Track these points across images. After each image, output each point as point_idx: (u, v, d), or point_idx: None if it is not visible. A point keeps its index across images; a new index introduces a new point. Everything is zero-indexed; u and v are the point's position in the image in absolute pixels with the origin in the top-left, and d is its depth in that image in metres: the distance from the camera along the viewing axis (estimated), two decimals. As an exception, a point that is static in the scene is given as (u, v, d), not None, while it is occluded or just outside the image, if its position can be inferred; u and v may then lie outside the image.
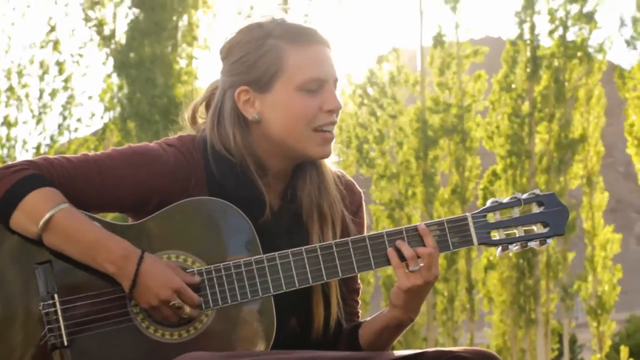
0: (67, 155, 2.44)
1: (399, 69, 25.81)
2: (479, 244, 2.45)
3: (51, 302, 2.34)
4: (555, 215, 2.47)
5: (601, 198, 25.36)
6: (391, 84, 25.60)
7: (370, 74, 26.08)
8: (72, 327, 2.35)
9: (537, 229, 2.47)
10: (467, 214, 2.46)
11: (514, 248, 2.47)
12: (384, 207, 24.90)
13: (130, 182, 2.41)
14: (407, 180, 24.95)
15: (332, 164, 2.60)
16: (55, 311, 2.34)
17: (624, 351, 26.15)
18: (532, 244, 2.47)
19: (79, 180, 2.39)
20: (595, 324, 25.39)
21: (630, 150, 23.88)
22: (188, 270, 2.39)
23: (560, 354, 28.43)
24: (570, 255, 25.00)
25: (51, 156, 2.42)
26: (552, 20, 24.93)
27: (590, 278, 25.15)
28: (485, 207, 2.48)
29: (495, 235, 2.46)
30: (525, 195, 2.48)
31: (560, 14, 24.90)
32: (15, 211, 2.34)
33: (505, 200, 2.48)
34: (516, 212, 2.47)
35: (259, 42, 2.47)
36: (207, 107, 2.57)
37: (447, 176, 25.24)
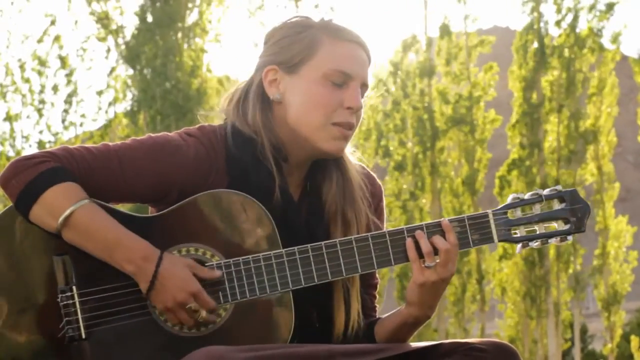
0: (87, 145, 2.42)
1: (426, 59, 25.54)
2: (500, 241, 2.44)
3: (70, 294, 2.34)
4: (577, 212, 2.46)
5: (612, 188, 25.30)
6: (416, 73, 25.35)
7: (395, 63, 25.76)
8: (90, 319, 2.34)
9: (557, 225, 2.47)
10: (488, 210, 2.45)
11: (534, 245, 2.46)
12: (395, 198, 24.85)
13: (151, 173, 2.39)
14: (417, 172, 24.89)
15: (350, 154, 2.58)
16: (74, 303, 2.33)
17: (635, 341, 26.07)
18: (553, 241, 2.46)
19: (99, 171, 2.38)
20: (606, 314, 25.36)
21: (642, 139, 23.81)
22: (207, 264, 2.37)
23: (571, 344, 28.39)
24: (582, 250, 24.96)
25: (71, 146, 2.40)
26: (558, 11, 24.84)
27: (603, 269, 25.12)
28: (506, 203, 2.46)
29: (516, 232, 2.45)
30: (546, 192, 2.46)
31: (569, 3, 24.82)
32: (35, 205, 2.32)
33: (526, 196, 2.46)
34: (537, 209, 2.46)
35: (300, 29, 2.48)
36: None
37: (457, 167, 25.16)
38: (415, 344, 2.44)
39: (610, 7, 24.71)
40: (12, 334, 2.35)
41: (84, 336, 2.34)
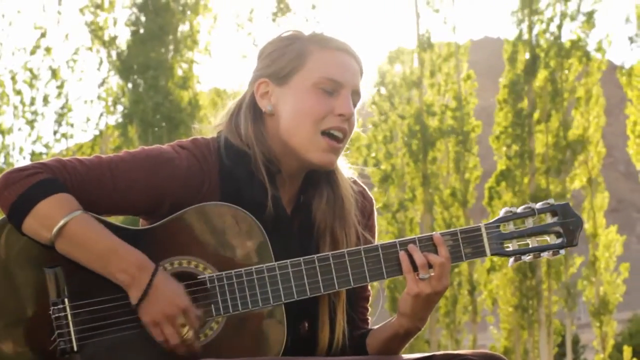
0: (79, 157, 2.42)
1: (412, 70, 25.65)
2: (492, 254, 2.44)
3: (61, 306, 2.32)
4: (569, 226, 2.46)
5: (602, 198, 25.34)
6: (402, 84, 25.45)
7: (382, 73, 25.89)
8: (82, 332, 2.33)
9: (550, 239, 2.47)
10: (480, 224, 2.44)
11: (527, 258, 2.46)
12: (386, 210, 24.85)
13: (143, 186, 2.39)
14: (408, 183, 24.91)
15: (346, 168, 2.58)
16: (66, 316, 2.32)
17: (627, 351, 26.09)
18: (545, 255, 2.46)
19: (91, 183, 2.37)
20: (597, 324, 25.37)
21: (631, 149, 23.84)
22: (199, 277, 2.37)
23: (563, 354, 28.39)
24: (578, 261, 24.98)
25: (64, 158, 2.40)
26: (540, 21, 24.92)
27: (593, 279, 25.14)
28: (498, 217, 2.46)
29: (509, 245, 2.45)
30: (539, 205, 2.46)
31: (549, 13, 24.92)
32: (28, 217, 2.32)
33: (519, 210, 2.45)
34: (529, 222, 2.45)
35: (289, 41, 2.49)
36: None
37: (446, 178, 25.19)
38: (407, 356, 2.44)
39: (590, 15, 24.82)
40: (3, 347, 2.34)
41: (75, 349, 2.33)
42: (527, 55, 24.81)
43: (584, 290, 25.31)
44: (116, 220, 2.46)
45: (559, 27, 24.88)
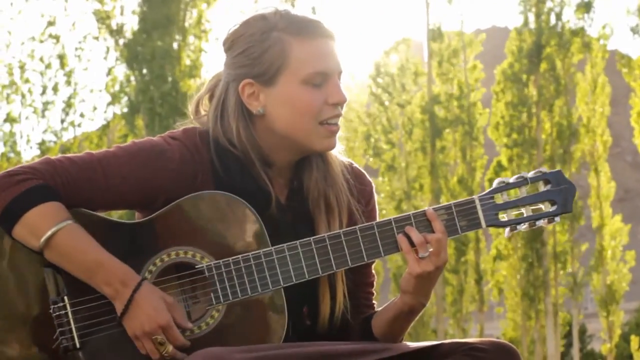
0: (70, 156, 2.41)
1: (408, 58, 25.73)
2: (488, 225, 2.44)
3: (62, 304, 2.33)
4: (563, 193, 2.46)
5: (608, 188, 25.30)
6: (400, 74, 25.51)
7: (379, 64, 25.97)
8: (83, 328, 2.33)
9: (544, 207, 2.46)
10: (474, 196, 2.44)
11: (522, 227, 2.46)
12: (391, 199, 24.86)
13: (136, 180, 2.38)
14: (415, 173, 24.92)
15: (339, 153, 2.58)
16: (66, 313, 2.33)
17: (634, 341, 26.09)
18: (540, 223, 2.46)
19: (83, 182, 2.36)
20: (604, 314, 25.36)
21: (638, 140, 23.79)
22: (197, 267, 2.37)
23: (570, 344, 28.40)
24: (583, 247, 24.97)
25: (54, 158, 2.39)
26: (539, 10, 24.87)
27: (599, 268, 25.12)
28: (492, 188, 2.46)
29: (504, 216, 2.45)
30: (531, 174, 2.47)
31: (550, 4, 24.88)
32: (17, 225, 2.32)
33: (511, 180, 2.45)
34: (523, 192, 2.45)
35: (263, 35, 2.45)
36: (211, 99, 2.55)
37: (452, 167, 25.20)
38: (415, 344, 2.44)
39: (589, 4, 24.78)
40: (5, 348, 2.34)
41: (78, 346, 2.33)
42: (531, 44, 24.75)
43: (590, 279, 25.30)
44: (115, 214, 2.46)
45: (558, 15, 24.81)
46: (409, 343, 2.49)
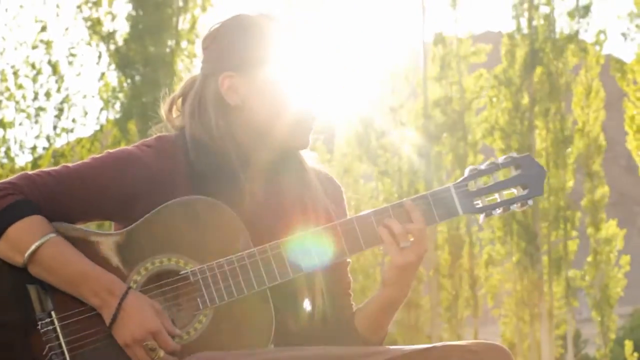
0: (47, 170, 2.41)
1: (398, 63, 25.80)
2: (464, 212, 2.47)
3: (49, 319, 2.31)
4: (533, 177, 2.49)
5: (602, 192, 25.37)
6: (392, 77, 25.57)
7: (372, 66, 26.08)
8: (72, 342, 2.31)
9: (517, 191, 2.50)
10: (449, 184, 2.47)
11: (497, 212, 2.49)
12: (387, 204, 24.90)
13: (114, 190, 2.38)
14: (411, 177, 24.95)
15: (310, 158, 2.60)
16: (54, 329, 2.31)
17: (628, 345, 26.16)
18: (514, 207, 2.49)
19: (62, 194, 2.36)
20: (599, 319, 25.41)
21: (631, 145, 23.85)
22: (182, 273, 2.36)
23: (565, 349, 28.44)
24: (573, 244, 24.99)
25: (31, 173, 2.39)
26: (531, 15, 24.97)
27: (594, 273, 25.17)
28: (465, 176, 2.49)
29: (478, 202, 2.48)
30: (502, 160, 2.50)
31: (545, 10, 24.98)
32: (0, 241, 2.31)
33: (483, 166, 2.49)
34: (496, 178, 2.49)
35: (245, 27, 2.47)
36: (184, 102, 2.55)
37: (449, 172, 25.25)
38: (407, 347, 2.41)
39: (586, 9, 24.88)
40: None
41: None
42: (526, 50, 24.83)
43: (585, 284, 25.35)
44: (94, 226, 2.45)
45: (553, 20, 24.89)
46: (402, 347, 2.46)
